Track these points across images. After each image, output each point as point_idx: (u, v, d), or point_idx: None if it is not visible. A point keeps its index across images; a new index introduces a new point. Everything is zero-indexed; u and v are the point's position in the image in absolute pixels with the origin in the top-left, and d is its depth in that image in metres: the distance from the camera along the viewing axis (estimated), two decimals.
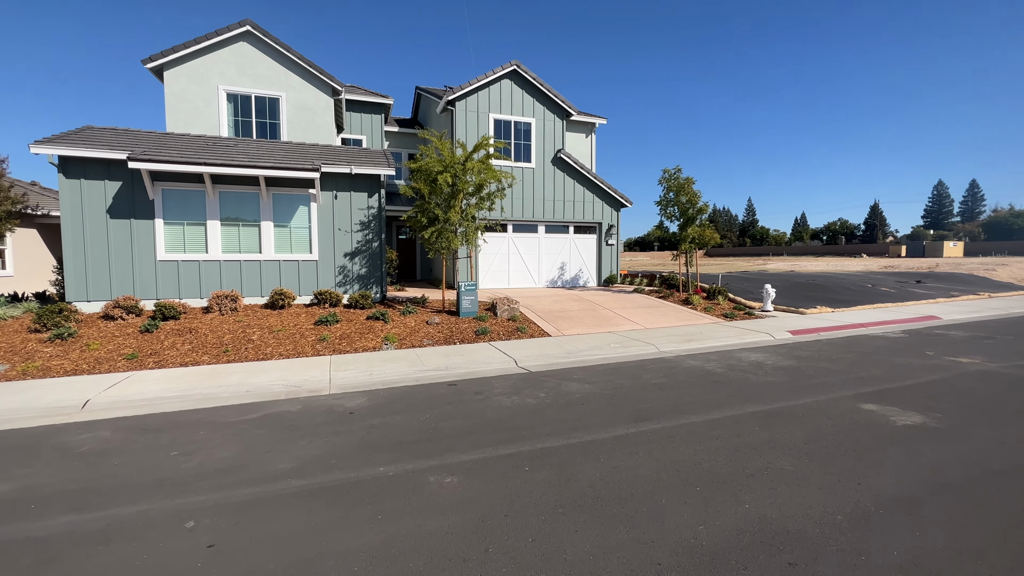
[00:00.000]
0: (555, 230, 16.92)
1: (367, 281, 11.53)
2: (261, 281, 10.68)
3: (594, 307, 12.50)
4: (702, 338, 9.43)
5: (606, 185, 16.92)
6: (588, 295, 14.40)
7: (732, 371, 6.87)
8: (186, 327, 9.00)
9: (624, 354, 8.33)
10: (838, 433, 4.40)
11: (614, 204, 17.35)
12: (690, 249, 14.11)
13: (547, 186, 16.43)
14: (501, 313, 10.75)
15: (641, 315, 11.79)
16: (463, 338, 9.41)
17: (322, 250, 11.11)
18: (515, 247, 16.35)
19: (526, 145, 16.14)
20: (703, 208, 13.90)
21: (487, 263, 15.95)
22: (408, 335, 9.43)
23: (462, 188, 10.36)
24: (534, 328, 10.24)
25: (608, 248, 17.39)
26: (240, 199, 10.49)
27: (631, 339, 9.34)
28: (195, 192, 10.15)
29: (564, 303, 12.89)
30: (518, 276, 16.42)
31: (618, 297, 14.18)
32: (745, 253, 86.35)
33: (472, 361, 7.74)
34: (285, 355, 8.21)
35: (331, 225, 11.16)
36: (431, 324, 10.07)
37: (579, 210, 16.90)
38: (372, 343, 8.93)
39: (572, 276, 17.18)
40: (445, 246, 10.38)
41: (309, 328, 9.40)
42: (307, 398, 5.95)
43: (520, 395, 5.81)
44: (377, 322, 9.92)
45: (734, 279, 19.44)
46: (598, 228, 17.40)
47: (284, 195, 10.80)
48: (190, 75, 12.84)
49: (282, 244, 10.89)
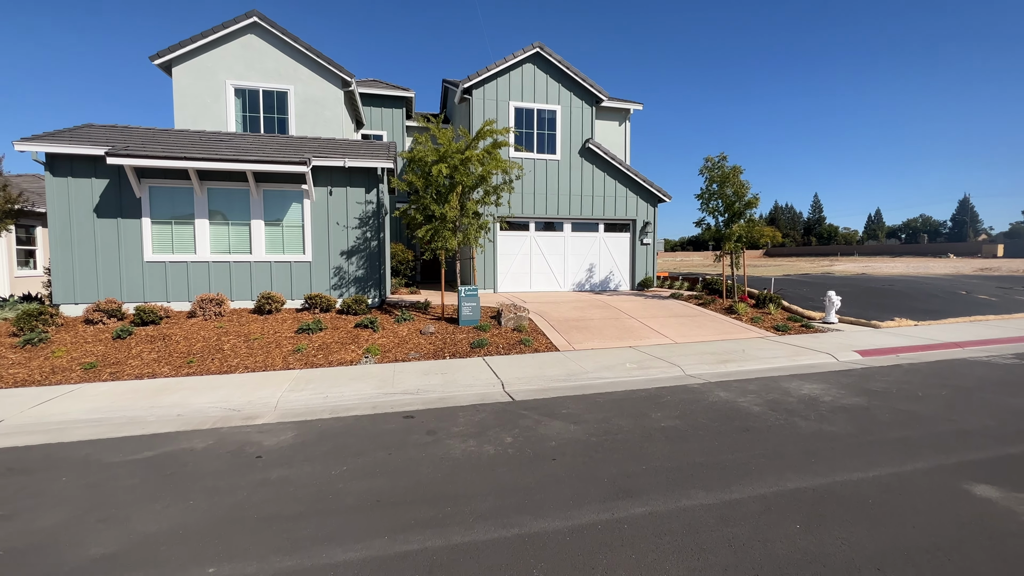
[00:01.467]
0: (583, 228, 15.38)
1: (364, 284, 10.61)
2: (251, 284, 10.00)
3: (619, 316, 10.92)
4: (742, 358, 7.69)
5: (641, 178, 15.19)
6: (616, 301, 12.80)
7: (774, 411, 5.22)
8: (161, 334, 8.39)
9: (638, 378, 6.81)
10: (935, 548, 2.77)
11: (650, 199, 15.57)
12: (736, 249, 12.17)
13: (574, 180, 14.94)
14: (506, 322, 9.46)
15: (673, 326, 10.11)
16: (455, 351, 8.21)
17: (316, 250, 10.29)
18: (538, 247, 14.98)
19: (550, 135, 14.73)
20: (752, 201, 11.92)
21: (506, 265, 14.69)
22: (394, 347, 8.36)
23: (461, 180, 9.16)
24: (541, 340, 8.87)
25: (643, 248, 15.63)
26: (229, 196, 9.85)
27: (653, 357, 7.77)
28: (183, 189, 9.60)
29: (585, 310, 11.40)
30: (541, 279, 15.04)
31: (650, 304, 12.48)
32: (810, 253, 79.66)
33: (451, 383, 6.52)
34: (251, 368, 7.36)
35: (326, 223, 10.31)
36: (424, 334, 8.96)
37: (610, 206, 15.28)
38: (351, 355, 7.92)
39: (602, 279, 15.57)
40: (441, 246, 9.23)
41: (289, 336, 8.55)
42: (230, 430, 4.95)
43: (481, 438, 4.52)
44: (364, 331, 8.93)
45: (791, 283, 17.07)
46: (632, 226, 15.68)
47: (275, 191, 10.06)
48: (198, 71, 12.49)
49: (274, 244, 10.16)
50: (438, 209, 8.98)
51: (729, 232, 12.07)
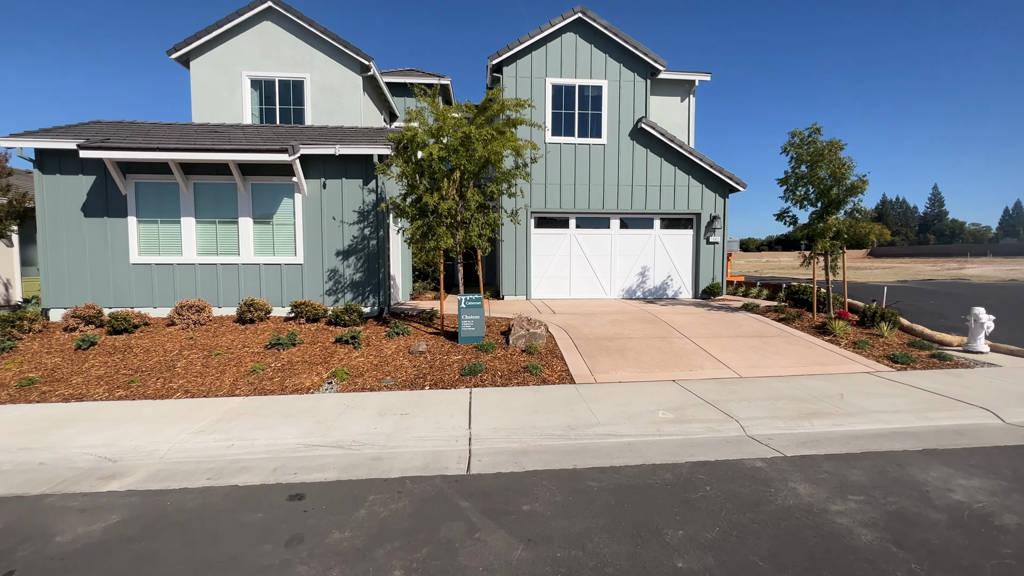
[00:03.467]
0: (634, 224, 13.01)
1: (361, 289, 9.22)
2: (239, 288, 8.99)
3: (668, 333, 8.59)
4: (840, 410, 5.19)
5: (707, 163, 12.52)
6: (668, 313, 10.38)
7: (902, 546, 2.89)
8: (125, 345, 7.52)
9: (671, 438, 4.63)
10: None
11: (719, 188, 12.83)
12: (832, 248, 9.28)
13: (623, 167, 12.63)
14: (515, 341, 7.57)
15: (739, 350, 7.63)
16: (439, 379, 6.48)
17: (308, 251, 9.07)
18: (579, 247, 12.86)
19: (595, 116, 12.54)
20: (857, 186, 8.98)
21: (541, 267, 12.73)
22: (370, 369, 6.81)
23: (460, 164, 7.40)
24: (555, 367, 6.88)
25: (709, 248, 12.92)
26: (216, 192, 8.90)
27: (701, 402, 5.50)
28: (168, 185, 8.79)
29: (625, 325, 9.17)
30: (582, 284, 12.91)
31: (713, 318, 9.93)
32: (927, 253, 68.27)
33: (404, 431, 4.78)
34: (191, 392, 6.15)
35: (319, 221, 9.06)
36: (413, 353, 7.33)
37: (668, 197, 12.76)
38: (313, 380, 6.48)
39: (656, 285, 13.09)
40: (434, 246, 7.53)
41: (255, 352, 7.32)
42: (58, 498, 3.59)
43: (352, 569, 2.72)
44: (344, 347, 7.50)
45: (910, 292, 13.43)
46: (695, 221, 13.03)
47: (264, 185, 8.97)
48: (214, 63, 11.90)
49: (263, 244, 9.08)
50: (431, 200, 7.30)
51: (823, 226, 9.21)
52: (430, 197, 7.22)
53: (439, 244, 7.38)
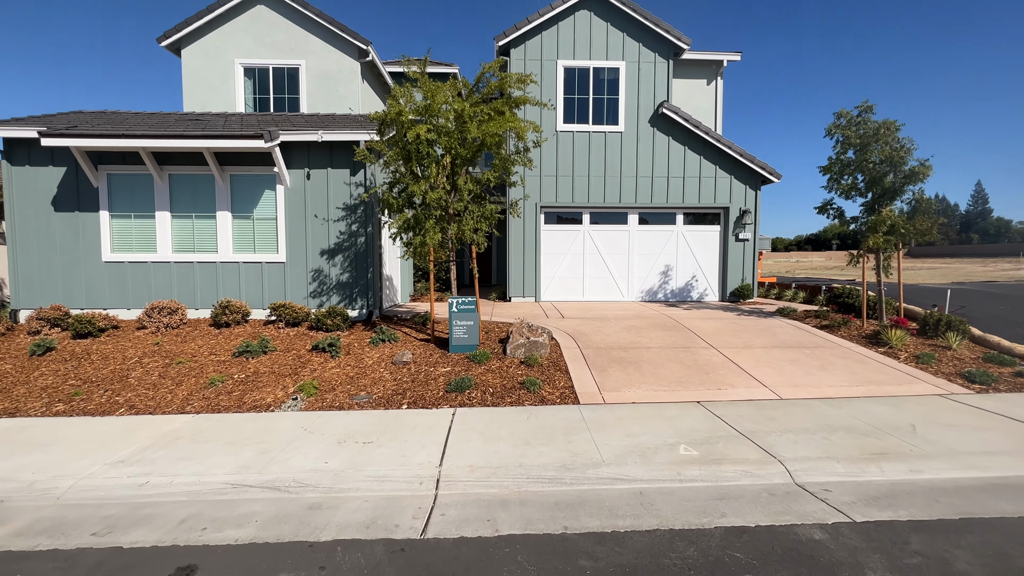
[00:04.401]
0: (654, 219, 11.86)
1: (349, 291, 8.39)
2: (218, 288, 8.27)
3: (691, 342, 7.47)
4: (913, 452, 4.03)
5: (737, 151, 11.29)
6: (691, 318, 9.24)
7: None
8: (84, 351, 6.85)
9: (695, 484, 3.58)
10: None
11: (749, 179, 11.57)
12: (886, 245, 8.00)
13: (642, 157, 11.50)
14: (513, 350, 6.59)
15: (776, 365, 6.48)
16: (421, 395, 5.56)
17: (291, 249, 8.29)
18: (593, 244, 11.79)
19: (611, 101, 11.45)
20: (918, 172, 7.70)
21: (552, 267, 11.71)
22: (344, 383, 5.94)
23: (452, 148, 6.46)
24: (557, 383, 5.88)
25: (738, 245, 11.68)
26: (193, 185, 8.20)
27: (733, 433, 4.42)
28: (142, 177, 8.12)
29: (643, 332, 8.08)
30: (596, 285, 11.83)
31: (744, 324, 8.74)
32: (972, 253, 64.17)
33: (362, 467, 3.87)
34: (137, 407, 5.38)
35: (303, 215, 8.26)
36: (397, 364, 6.44)
37: (692, 189, 11.58)
38: (277, 395, 5.64)
39: (679, 287, 11.91)
40: (420, 243, 6.60)
41: (221, 361, 6.54)
42: None
43: None
44: (319, 356, 6.66)
45: (972, 296, 11.92)
46: (723, 215, 11.80)
47: (244, 177, 8.22)
48: (206, 51, 11.28)
49: (243, 241, 8.34)
50: (417, 189, 6.37)
51: (875, 220, 7.94)
52: (416, 186, 6.30)
53: (426, 239, 6.44)
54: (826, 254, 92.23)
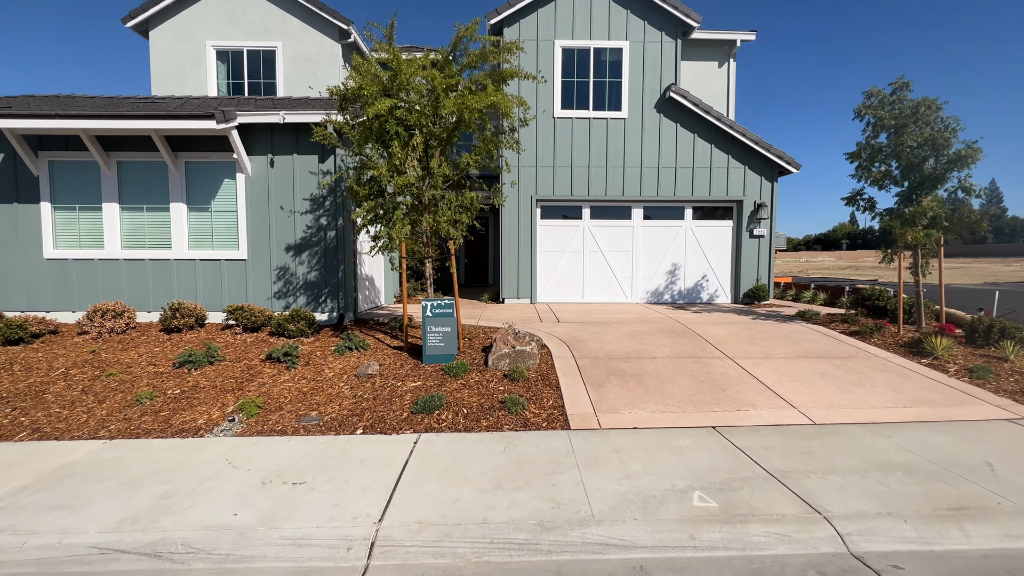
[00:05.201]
0: (661, 214, 10.90)
1: (318, 291, 7.52)
2: (172, 289, 7.42)
3: (703, 351, 6.52)
4: (1002, 506, 3.07)
5: (752, 139, 10.31)
6: (703, 323, 8.28)
7: None
8: (5, 361, 6.01)
9: (715, 555, 2.66)
10: None
11: (766, 170, 10.59)
12: (925, 241, 7.00)
13: (647, 145, 10.55)
14: (496, 361, 5.67)
15: (804, 379, 5.52)
16: (382, 417, 4.66)
17: (254, 244, 7.43)
18: (594, 241, 10.84)
19: (613, 85, 10.51)
20: (966, 155, 6.71)
21: (549, 266, 10.78)
22: (294, 401, 5.06)
23: (422, 126, 5.54)
24: (545, 401, 4.96)
25: (753, 241, 10.70)
26: (145, 173, 7.36)
27: (758, 473, 3.48)
28: (88, 165, 7.29)
29: (648, 338, 7.14)
30: (598, 285, 10.88)
31: (762, 329, 7.78)
32: (988, 253, 62.25)
33: (274, 524, 2.98)
34: (40, 431, 4.51)
35: (266, 207, 7.40)
36: (361, 377, 5.55)
37: (702, 181, 10.61)
38: (212, 415, 4.77)
39: (688, 287, 10.95)
40: (386, 236, 5.68)
41: (159, 372, 5.68)
42: None
43: None
44: (274, 367, 5.79)
45: (1014, 297, 10.88)
46: (735, 209, 10.82)
47: (200, 164, 7.37)
48: (176, 32, 10.47)
49: (200, 236, 7.49)
50: (380, 172, 5.47)
51: (914, 211, 6.95)
52: (380, 168, 5.40)
53: (393, 233, 5.52)
54: (836, 254, 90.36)
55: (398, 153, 5.32)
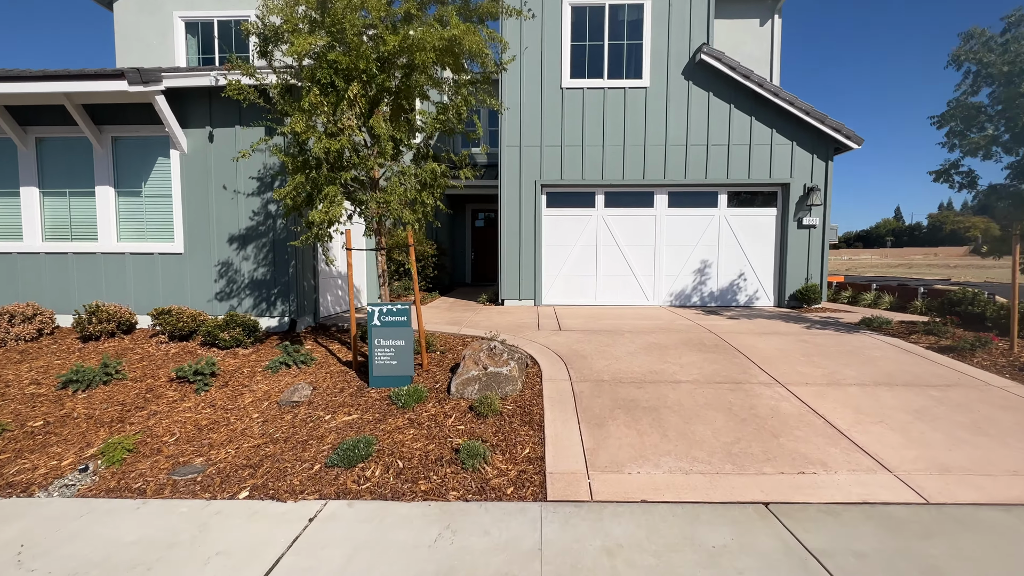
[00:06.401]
0: (689, 200, 9.23)
1: (267, 291, 6.26)
2: (100, 287, 6.31)
3: (743, 373, 4.92)
4: None
5: (802, 108, 8.53)
6: (741, 332, 6.64)
7: None
8: None
9: None
10: None
11: (819, 146, 8.78)
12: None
13: (673, 119, 8.90)
14: (461, 387, 4.24)
15: (891, 419, 3.86)
16: (282, 470, 3.30)
17: (192, 235, 6.22)
18: (609, 233, 9.27)
19: (633, 48, 8.90)
20: None
21: (556, 262, 9.28)
22: (187, 437, 3.77)
23: (358, 73, 4.13)
24: (519, 447, 3.51)
25: (802, 233, 8.92)
26: (67, 152, 6.26)
27: None
28: (1, 142, 6.23)
29: (670, 353, 5.57)
30: (613, 285, 9.32)
31: (819, 342, 6.08)
32: None
33: None
34: None
35: (206, 192, 6.18)
36: (284, 405, 4.23)
37: (740, 160, 8.89)
38: (64, 461, 3.52)
39: (721, 287, 9.25)
40: (321, 220, 4.29)
41: (34, 395, 4.50)
42: None
43: None
44: (180, 389, 4.53)
45: None
46: (780, 194, 9.06)
47: (129, 140, 6.21)
48: (141, 2, 9.44)
49: (132, 225, 6.34)
50: (297, 127, 4.11)
51: None
52: (293, 124, 4.04)
53: (330, 216, 4.12)
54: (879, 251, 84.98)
55: (321, 105, 3.94)
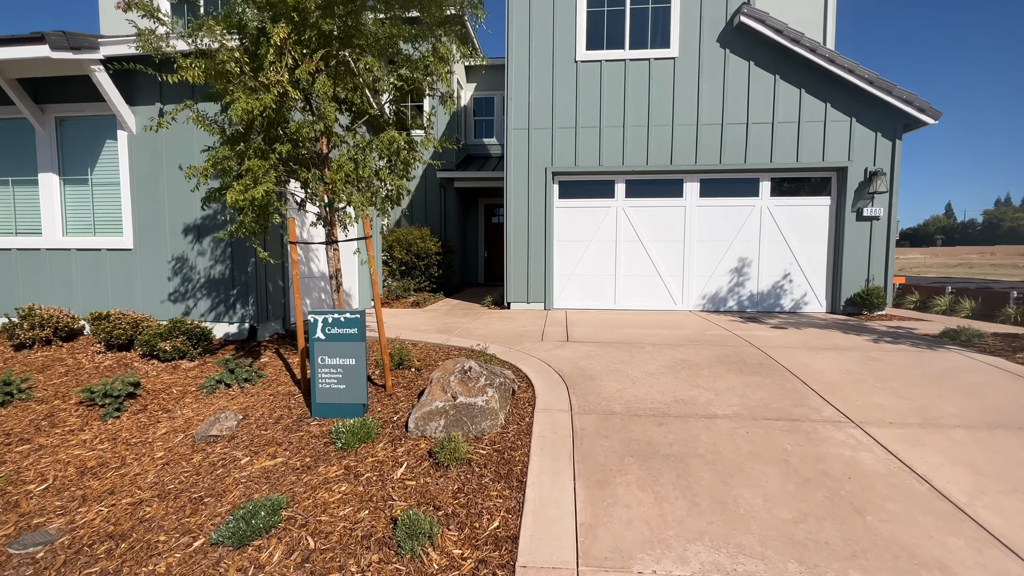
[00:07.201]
0: (725, 189, 7.98)
1: (225, 293, 5.42)
2: (46, 287, 5.61)
3: (800, 402, 3.73)
4: None
5: (863, 76, 7.16)
6: (792, 345, 5.40)
7: None
8: None
9: None
10: None
11: (883, 121, 7.38)
12: None
13: (707, 93, 7.67)
14: (421, 423, 3.23)
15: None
16: (148, 544, 2.36)
17: (142, 228, 5.45)
18: (631, 227, 8.11)
19: (659, 12, 7.71)
20: None
21: (570, 260, 8.18)
22: (61, 485, 2.91)
23: (290, 8, 3.17)
24: (487, 518, 2.46)
25: (862, 225, 7.54)
26: (8, 134, 5.58)
27: None
28: None
29: (703, 374, 4.41)
30: (635, 287, 8.15)
31: (893, 361, 4.79)
32: None
33: None
34: None
35: (158, 178, 5.39)
36: (201, 441, 3.31)
37: (786, 140, 7.58)
38: None
39: (763, 290, 7.95)
40: (248, 202, 3.34)
41: None
42: None
43: None
44: (84, 415, 3.69)
45: None
46: (836, 180, 7.70)
47: (75, 121, 5.49)
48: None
49: (79, 218, 5.62)
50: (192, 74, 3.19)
51: None
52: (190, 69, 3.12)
53: (232, 198, 3.19)
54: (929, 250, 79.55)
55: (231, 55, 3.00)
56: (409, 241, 9.86)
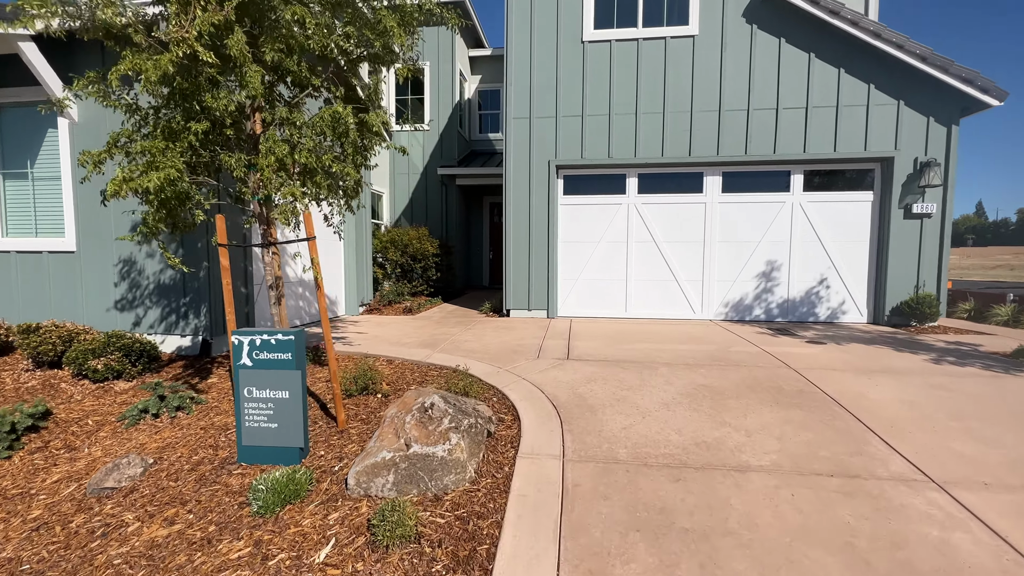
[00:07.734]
0: (749, 183, 7.10)
1: (176, 299, 4.77)
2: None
3: (860, 450, 2.89)
4: None
5: (915, 53, 6.22)
6: (836, 367, 4.53)
7: None
8: None
9: None
10: None
11: (935, 105, 6.43)
12: None
13: (730, 75, 6.80)
14: (366, 479, 2.48)
15: None
16: None
17: (87, 228, 4.84)
18: (643, 226, 7.28)
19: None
20: None
21: (575, 263, 7.39)
22: None
23: None
24: None
25: (911, 223, 6.59)
26: None
27: None
28: None
29: (730, 405, 3.59)
30: (648, 294, 7.32)
31: (965, 388, 3.90)
32: None
33: None
34: None
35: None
36: (93, 494, 2.64)
37: (822, 128, 6.67)
38: None
39: (795, 297, 7.05)
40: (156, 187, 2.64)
41: None
42: None
43: None
44: None
45: None
46: (879, 172, 6.77)
47: (15, 109, 4.90)
48: None
49: (20, 216, 5.04)
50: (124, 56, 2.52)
51: None
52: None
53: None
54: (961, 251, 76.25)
55: None
56: (404, 242, 9.17)
